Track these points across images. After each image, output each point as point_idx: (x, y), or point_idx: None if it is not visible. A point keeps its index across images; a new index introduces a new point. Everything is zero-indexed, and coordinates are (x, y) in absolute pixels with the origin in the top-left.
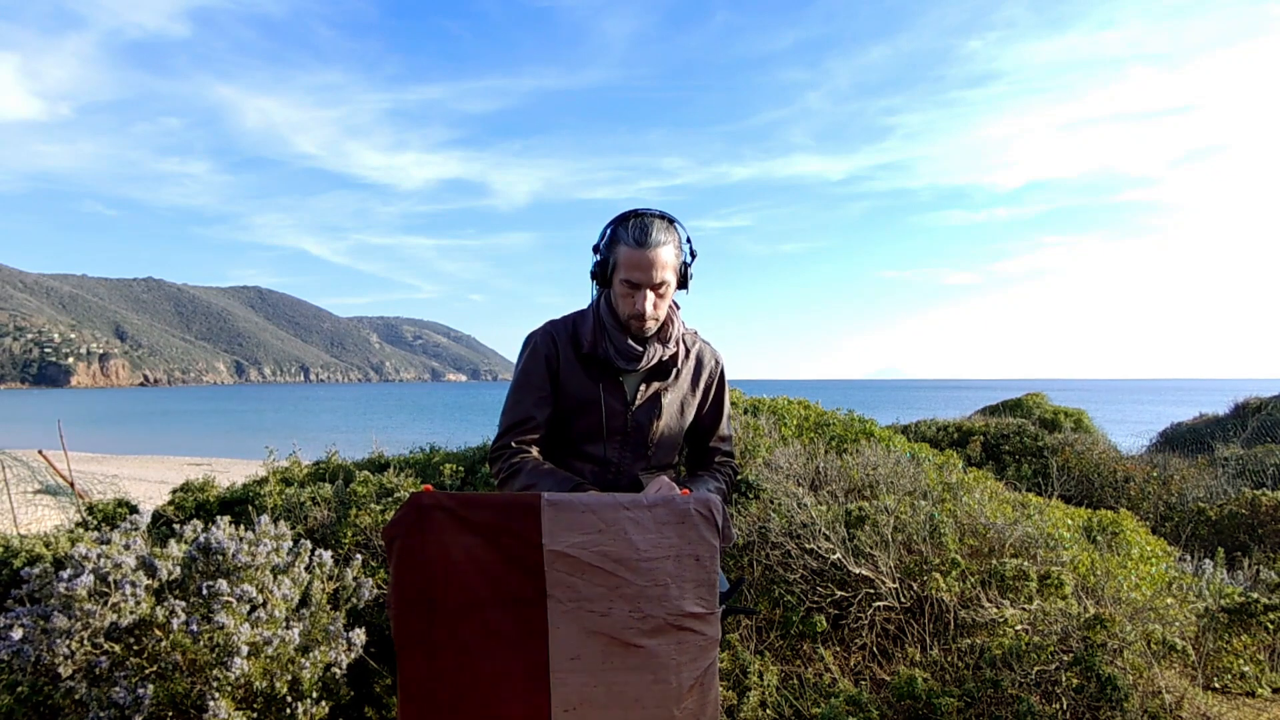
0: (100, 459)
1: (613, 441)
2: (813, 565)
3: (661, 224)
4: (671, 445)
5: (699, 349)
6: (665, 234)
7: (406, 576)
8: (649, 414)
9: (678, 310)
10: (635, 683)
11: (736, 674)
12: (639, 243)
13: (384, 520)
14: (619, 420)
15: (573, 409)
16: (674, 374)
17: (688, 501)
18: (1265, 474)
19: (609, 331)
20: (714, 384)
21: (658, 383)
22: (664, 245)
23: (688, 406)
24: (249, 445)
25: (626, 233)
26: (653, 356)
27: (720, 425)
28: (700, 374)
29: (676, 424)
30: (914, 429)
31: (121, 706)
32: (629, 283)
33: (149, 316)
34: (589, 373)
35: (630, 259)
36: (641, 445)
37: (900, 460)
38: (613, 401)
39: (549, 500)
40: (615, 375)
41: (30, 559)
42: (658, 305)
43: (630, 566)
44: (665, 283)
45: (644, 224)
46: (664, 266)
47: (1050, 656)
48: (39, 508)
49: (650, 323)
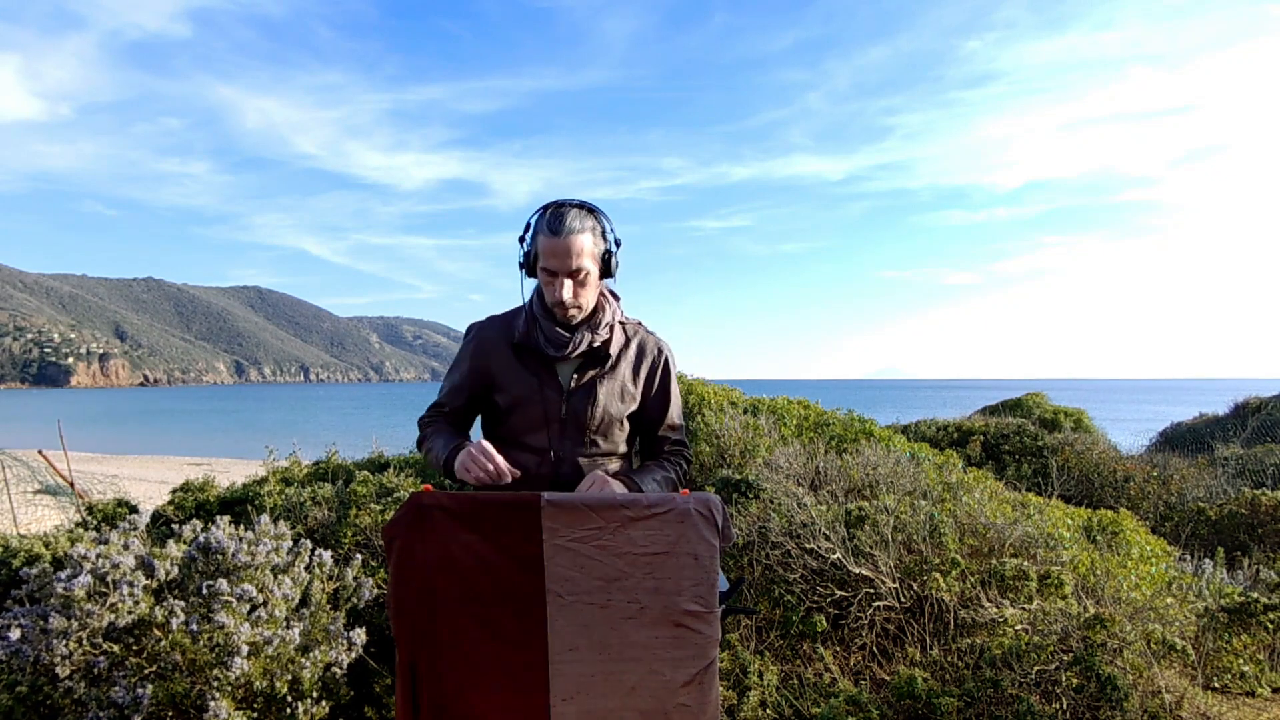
0: (100, 459)
1: (551, 429)
2: (813, 565)
3: (578, 212)
4: (615, 433)
5: (640, 337)
6: (581, 222)
7: (406, 576)
8: (584, 401)
9: (616, 300)
10: (632, 672)
11: (736, 674)
12: (553, 231)
13: (384, 520)
14: (554, 408)
15: (510, 399)
16: (609, 360)
17: (688, 501)
18: (1265, 474)
19: (539, 320)
20: (657, 372)
21: (593, 370)
22: (580, 233)
23: (627, 394)
24: (249, 445)
25: (543, 222)
26: (581, 343)
27: (668, 414)
28: (642, 362)
29: (616, 410)
30: (914, 429)
31: (120, 706)
32: (547, 270)
33: (149, 316)
34: (524, 362)
35: (547, 247)
36: (579, 432)
37: (900, 460)
38: (547, 390)
39: (549, 499)
40: (549, 364)
41: (29, 559)
42: (577, 292)
43: (629, 561)
44: (583, 269)
45: (560, 213)
46: (580, 254)
47: (1050, 656)
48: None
49: (573, 310)
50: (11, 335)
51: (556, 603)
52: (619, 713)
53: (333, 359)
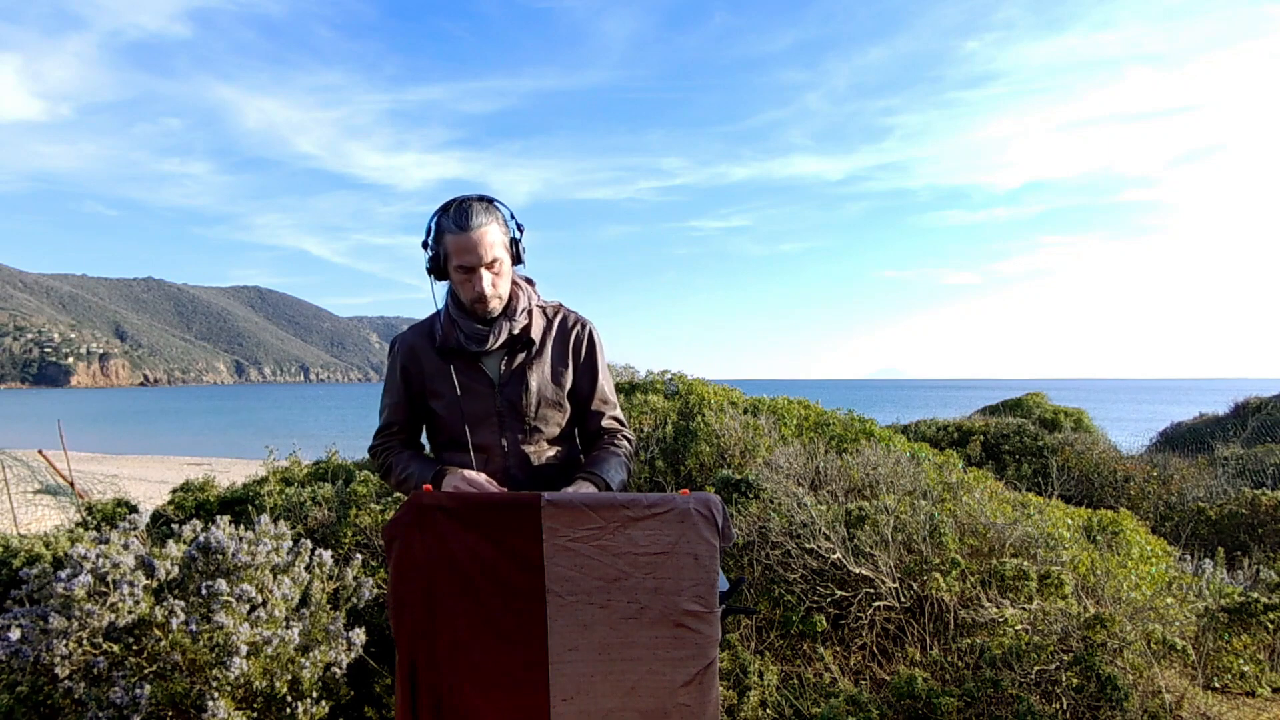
0: (100, 459)
1: (488, 426)
2: (813, 565)
3: (481, 205)
4: (555, 418)
5: (562, 316)
6: (486, 214)
7: (406, 575)
8: (517, 389)
9: (531, 285)
10: (632, 672)
11: (736, 674)
12: (461, 227)
13: (384, 520)
14: (488, 402)
15: (444, 403)
16: (534, 345)
17: (688, 501)
18: (1265, 474)
19: (457, 320)
20: (582, 346)
21: (520, 355)
22: (487, 225)
23: (561, 375)
24: (249, 445)
25: (449, 220)
26: (501, 332)
27: (597, 388)
28: (567, 340)
29: (552, 394)
30: (914, 429)
31: (120, 706)
32: (462, 268)
33: (149, 316)
34: (450, 365)
35: (457, 244)
36: (518, 421)
37: (900, 460)
38: (478, 386)
39: (548, 499)
40: (474, 360)
41: (29, 559)
42: (496, 284)
43: (629, 561)
44: (497, 259)
45: (464, 208)
46: (492, 245)
47: (1050, 656)
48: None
49: (494, 302)
50: (11, 335)
51: (556, 602)
52: (619, 713)
53: (333, 359)
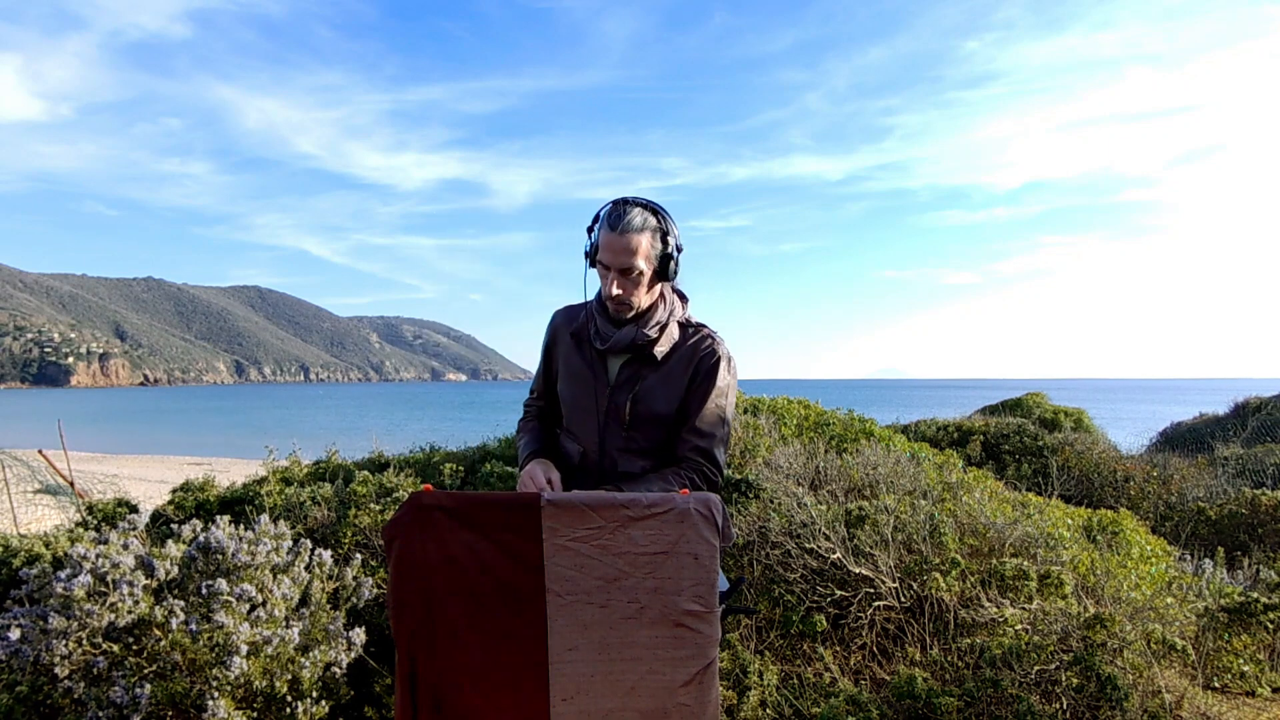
0: (100, 458)
1: (593, 423)
2: (813, 565)
3: (642, 211)
4: (655, 432)
5: (698, 339)
6: (643, 221)
7: (406, 575)
8: (625, 395)
9: (683, 301)
10: (631, 672)
11: (736, 673)
12: (613, 226)
13: (384, 520)
14: (599, 400)
15: (565, 387)
16: (657, 358)
17: (688, 501)
18: (1265, 474)
19: (594, 315)
20: (701, 373)
21: (638, 365)
22: (638, 232)
23: (673, 392)
24: (249, 445)
25: (606, 217)
26: (625, 338)
27: (698, 416)
28: (692, 362)
29: (656, 409)
30: (914, 429)
31: (120, 706)
32: (603, 264)
33: (149, 316)
34: (580, 352)
35: (605, 241)
36: (619, 426)
37: (900, 460)
38: (596, 383)
39: (549, 499)
40: (602, 357)
41: (29, 559)
42: (626, 289)
43: (629, 561)
44: (635, 268)
45: (623, 209)
46: (633, 252)
47: (1050, 656)
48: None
49: (621, 307)
50: (11, 335)
51: (556, 602)
52: (619, 712)
53: (333, 359)
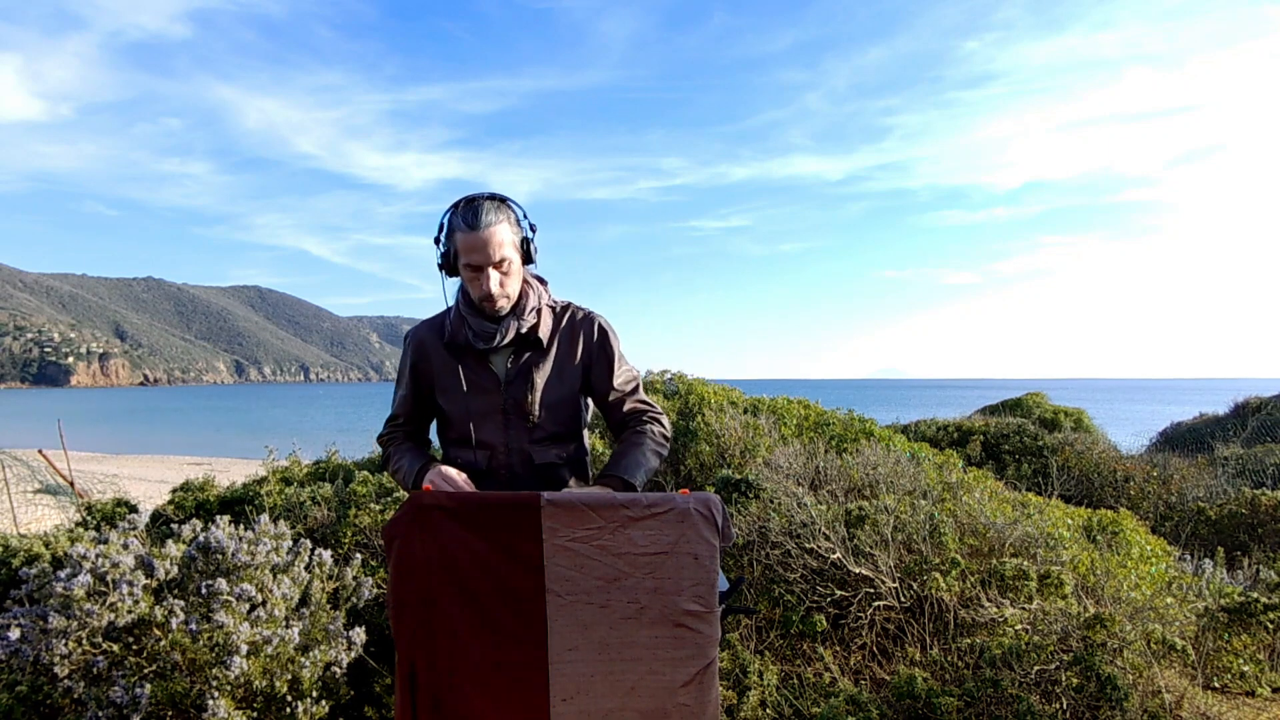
0: (100, 458)
1: (493, 423)
2: (812, 565)
3: (492, 204)
4: (560, 417)
5: (571, 313)
6: (497, 213)
7: (406, 575)
8: (522, 388)
9: (544, 284)
10: (631, 672)
11: (736, 673)
12: (470, 225)
13: (383, 520)
14: (494, 400)
15: (451, 399)
16: (542, 344)
17: (688, 500)
18: (1265, 474)
19: (466, 318)
20: (593, 340)
21: (526, 354)
22: (497, 224)
23: (567, 374)
24: (249, 445)
25: (459, 218)
26: (508, 330)
27: (613, 378)
28: (575, 336)
29: (557, 393)
30: (914, 429)
31: (120, 706)
32: (470, 266)
33: (149, 316)
34: (459, 360)
35: (466, 243)
36: (522, 419)
37: (900, 460)
38: (484, 383)
39: (548, 499)
40: (483, 358)
41: (29, 558)
42: (504, 283)
43: (629, 561)
44: (506, 259)
45: (474, 207)
46: (501, 244)
47: (1050, 656)
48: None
49: (501, 301)
50: (11, 335)
51: (556, 602)
52: (619, 713)
53: (333, 359)
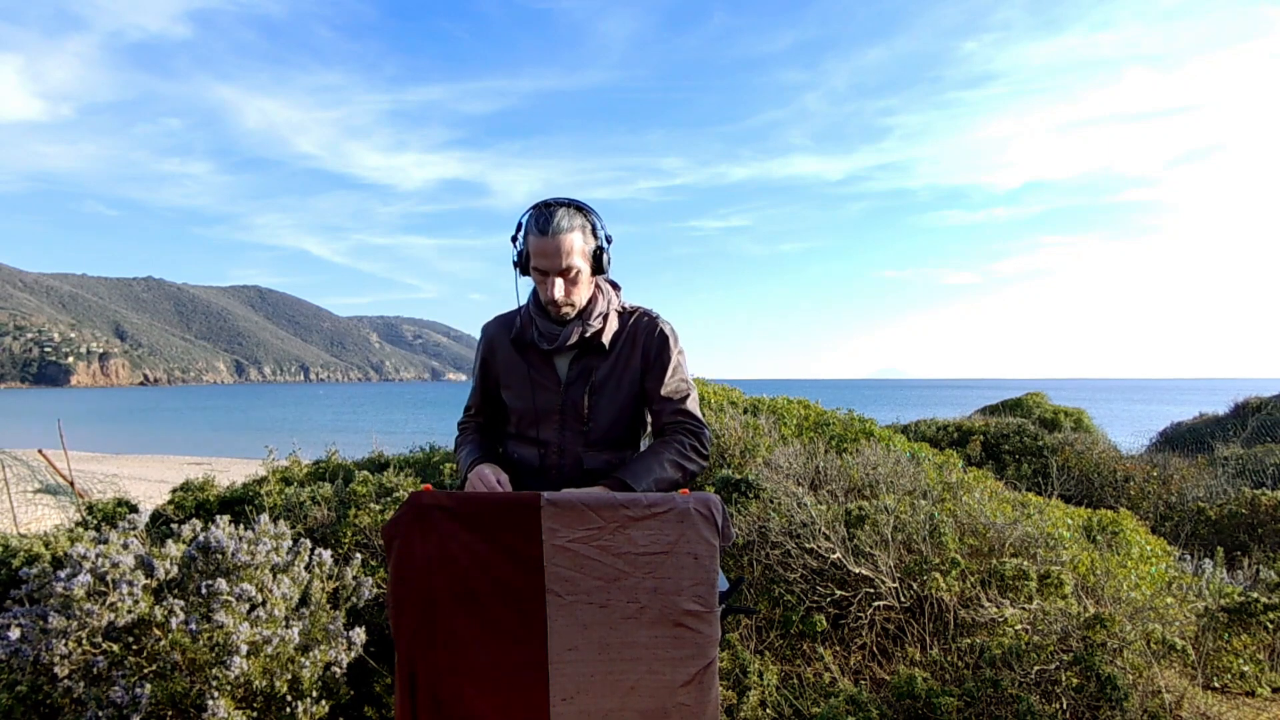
0: (100, 458)
1: (550, 422)
2: (812, 565)
3: (567, 211)
4: (615, 422)
5: (637, 319)
6: (570, 220)
7: (406, 575)
8: (580, 390)
9: (616, 290)
10: (631, 672)
11: (736, 673)
12: (542, 231)
13: (383, 520)
14: (553, 399)
15: (513, 395)
16: (606, 348)
17: (688, 500)
18: (1265, 474)
19: (535, 318)
20: (652, 347)
21: (589, 358)
22: (569, 232)
23: (627, 378)
24: (249, 445)
25: (533, 221)
26: (573, 334)
27: (662, 383)
28: (637, 342)
29: (615, 399)
30: (914, 429)
31: (119, 705)
32: (539, 270)
33: (149, 316)
34: (523, 357)
35: (537, 247)
36: (578, 423)
37: (900, 460)
38: (546, 382)
39: (548, 499)
40: (547, 358)
41: (29, 558)
42: (569, 291)
43: (629, 560)
44: (574, 268)
45: (549, 212)
46: (570, 252)
47: (1050, 656)
48: (39, 507)
49: (565, 308)
50: (11, 335)
51: (556, 602)
52: (619, 712)
53: (333, 358)
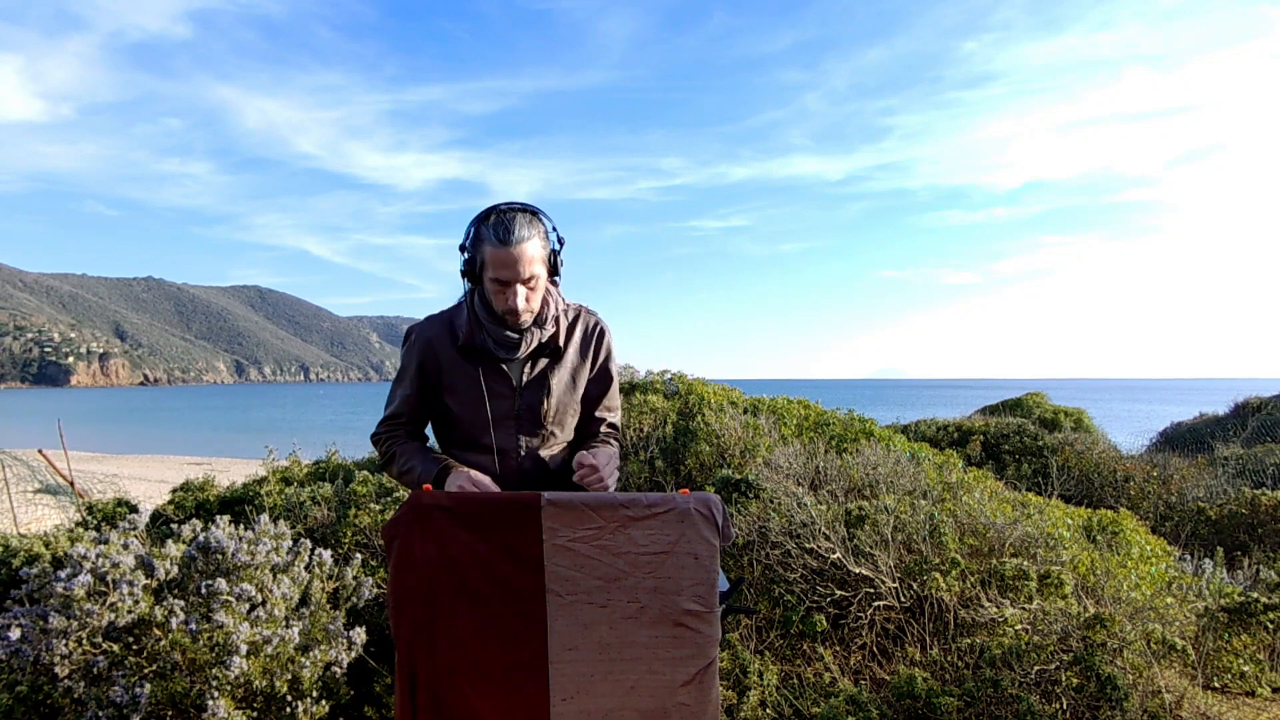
0: (100, 458)
1: (506, 427)
2: (812, 565)
3: (524, 218)
4: (569, 421)
5: (582, 320)
6: (528, 228)
7: (406, 575)
8: (538, 394)
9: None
10: (631, 672)
11: (736, 673)
12: (502, 240)
13: (383, 520)
14: (507, 404)
15: (461, 401)
16: (561, 353)
17: (688, 501)
18: (1265, 474)
19: (485, 325)
20: (601, 352)
21: (542, 362)
22: (528, 240)
23: (579, 379)
24: (249, 445)
25: (490, 231)
26: (531, 341)
27: (606, 395)
28: (586, 346)
29: (569, 398)
30: (914, 429)
31: (119, 705)
32: (498, 281)
33: (149, 316)
34: (471, 363)
35: (496, 258)
36: (535, 425)
37: (900, 460)
38: (498, 386)
39: (549, 499)
40: (498, 362)
41: (29, 559)
42: (529, 298)
43: (629, 560)
44: (534, 276)
45: (506, 221)
46: (530, 261)
47: (1050, 656)
48: (39, 507)
49: (526, 316)
50: (11, 335)
51: (556, 602)
52: (619, 712)
53: (333, 358)
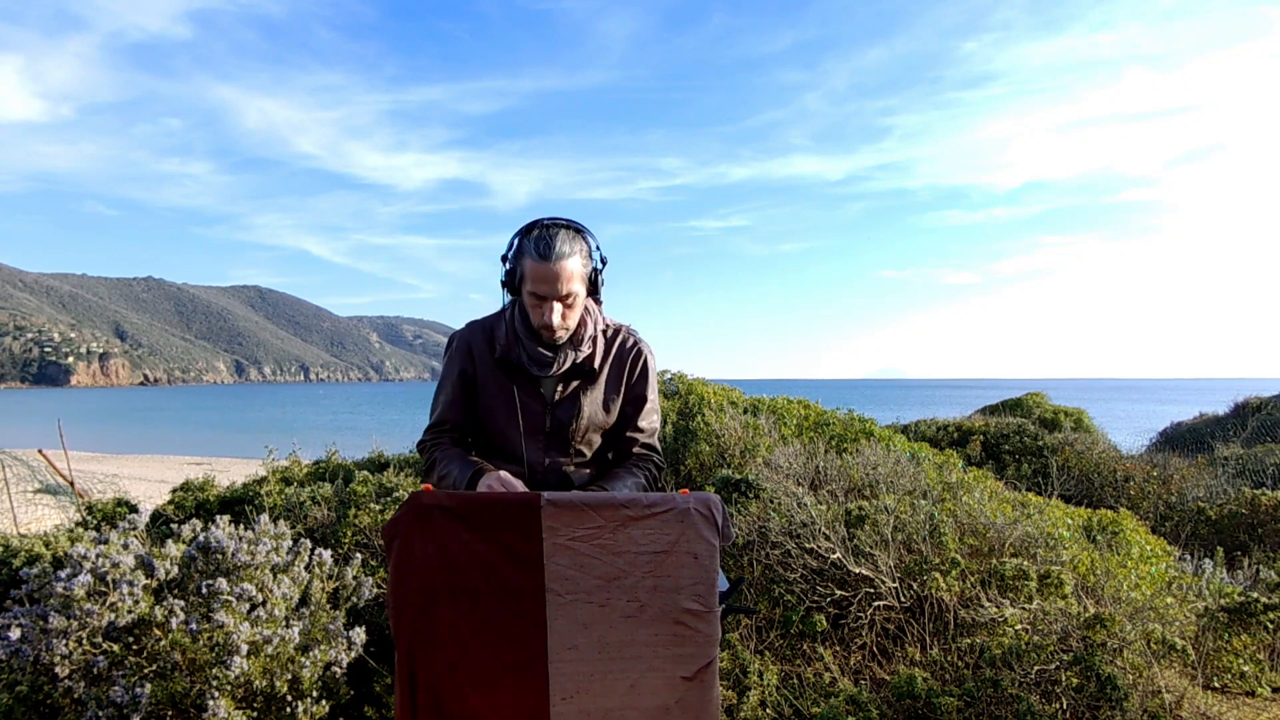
0: (100, 458)
1: (535, 441)
2: (812, 565)
3: (567, 234)
4: (600, 442)
5: (621, 340)
6: (570, 245)
7: (406, 575)
8: (569, 412)
9: (599, 305)
10: (631, 671)
11: (736, 673)
12: (543, 256)
13: (383, 519)
14: (538, 420)
15: (492, 412)
16: (596, 373)
17: (688, 500)
18: (1265, 474)
19: (521, 339)
20: (635, 374)
21: (577, 380)
22: (569, 257)
23: (612, 401)
24: (249, 445)
25: (531, 245)
26: (565, 361)
27: (639, 415)
28: (623, 368)
29: (600, 419)
30: (914, 428)
31: (120, 705)
32: (536, 295)
33: (149, 316)
34: (512, 377)
35: (535, 272)
36: (564, 443)
37: (900, 460)
38: (531, 402)
39: (549, 498)
40: (533, 378)
41: (29, 559)
42: (566, 316)
43: (629, 560)
44: (573, 294)
45: (548, 236)
46: (569, 278)
47: (1050, 656)
48: (39, 507)
49: (561, 333)
50: (12, 335)
51: (556, 601)
52: (618, 711)
53: (333, 358)
